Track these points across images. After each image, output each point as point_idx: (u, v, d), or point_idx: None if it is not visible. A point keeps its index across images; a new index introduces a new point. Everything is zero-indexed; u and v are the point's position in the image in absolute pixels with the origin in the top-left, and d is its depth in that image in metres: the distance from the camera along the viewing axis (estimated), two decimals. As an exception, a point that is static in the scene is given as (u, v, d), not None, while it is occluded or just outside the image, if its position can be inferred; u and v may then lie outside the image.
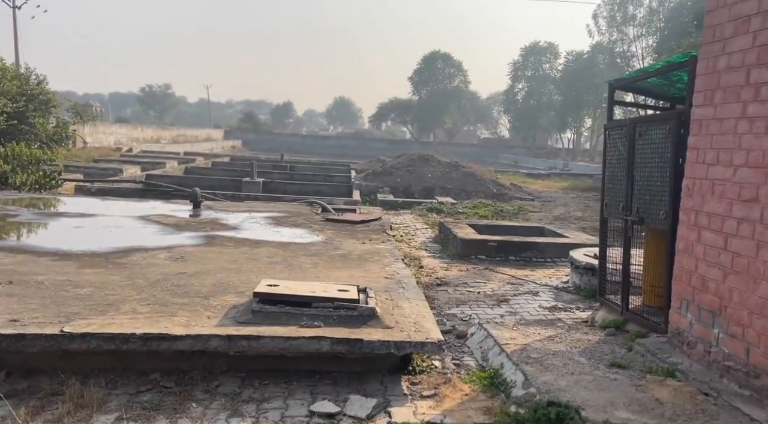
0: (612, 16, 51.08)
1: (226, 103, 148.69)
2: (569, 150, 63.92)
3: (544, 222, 11.07)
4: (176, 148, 39.67)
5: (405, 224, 10.59)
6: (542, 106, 63.77)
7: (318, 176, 18.38)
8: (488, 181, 15.23)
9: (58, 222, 7.04)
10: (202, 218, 8.10)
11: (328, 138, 73.28)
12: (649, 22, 48.98)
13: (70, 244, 5.70)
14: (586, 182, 21.11)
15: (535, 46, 64.08)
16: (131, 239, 6.16)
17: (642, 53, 49.71)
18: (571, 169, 43.79)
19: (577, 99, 59.40)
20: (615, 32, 51.51)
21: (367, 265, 5.55)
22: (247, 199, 11.69)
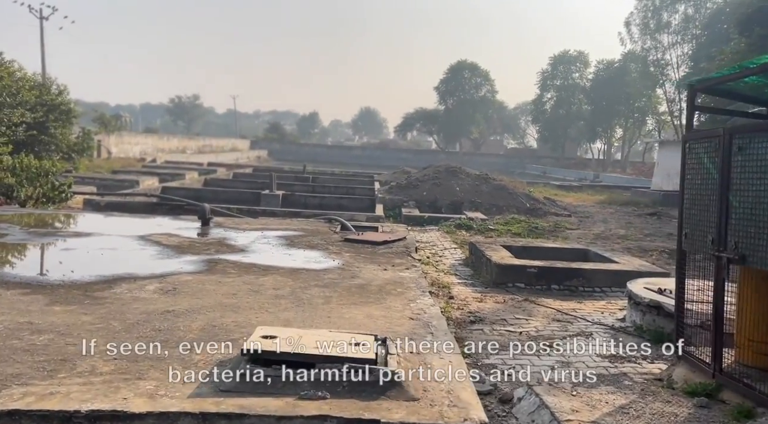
0: (645, 23, 49.65)
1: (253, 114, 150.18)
2: (599, 161, 62.26)
3: (585, 241, 10.11)
4: (201, 159, 39.53)
5: (431, 242, 9.74)
6: (571, 115, 62.37)
7: (340, 188, 17.69)
8: (520, 194, 14.28)
9: (47, 243, 6.38)
10: (208, 238, 7.38)
11: (353, 148, 72.94)
12: (685, 29, 47.46)
13: (50, 271, 5.00)
14: (623, 196, 19.96)
15: (565, 54, 62.79)
16: (122, 265, 5.44)
17: (677, 61, 48.16)
18: (602, 180, 42.42)
19: (607, 108, 57.92)
20: (648, 40, 50.07)
21: (388, 300, 4.72)
22: (263, 214, 10.99)
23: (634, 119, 58.37)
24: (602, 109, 57.69)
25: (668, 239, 10.94)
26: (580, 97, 61.80)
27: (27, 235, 6.71)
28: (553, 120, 61.95)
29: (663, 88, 50.50)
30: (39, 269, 5.07)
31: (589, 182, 38.32)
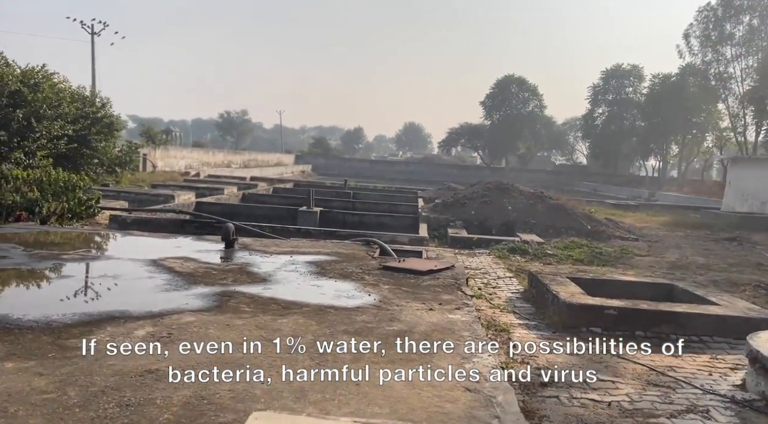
0: (706, 35, 47.30)
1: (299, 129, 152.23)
2: (653, 179, 59.51)
3: (661, 272, 8.79)
4: (245, 173, 39.46)
5: (482, 269, 8.62)
6: (624, 131, 59.99)
7: (381, 206, 16.76)
8: (580, 215, 12.97)
9: (43, 269, 5.60)
10: (229, 263, 6.50)
11: (397, 163, 72.29)
12: (749, 41, 44.95)
13: (28, 307, 4.17)
14: (691, 217, 18.25)
15: (618, 68, 60.64)
16: (117, 300, 4.58)
17: (741, 75, 45.61)
18: (658, 199, 40.24)
19: (663, 124, 55.35)
20: (710, 52, 47.65)
21: (436, 357, 3.66)
22: (297, 233, 10.11)
23: (692, 135, 55.60)
24: (657, 125, 55.16)
25: (758, 270, 9.48)
26: (633, 112, 59.38)
27: (27, 258, 5.97)
28: (605, 136, 59.66)
29: (725, 102, 47.89)
30: (16, 305, 4.25)
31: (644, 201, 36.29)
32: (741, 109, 46.10)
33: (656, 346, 5.03)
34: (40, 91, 15.73)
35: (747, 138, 45.94)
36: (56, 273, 5.46)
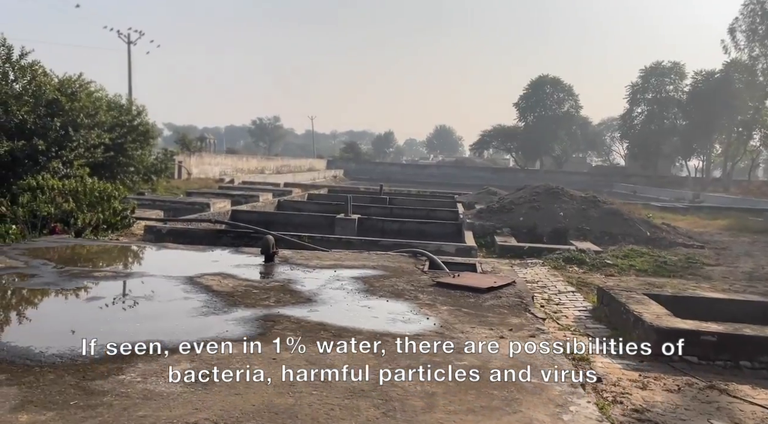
0: (753, 29, 45.44)
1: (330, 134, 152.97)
2: (696, 179, 57.33)
3: (741, 285, 7.96)
4: (278, 179, 39.43)
5: (540, 282, 7.94)
6: (664, 131, 58.04)
7: (420, 212, 16.15)
8: (638, 221, 12.12)
9: (73, 289, 5.19)
10: (270, 280, 6.00)
11: (428, 167, 71.58)
12: (798, 34, 42.89)
13: (54, 337, 3.72)
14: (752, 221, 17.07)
15: (658, 66, 58.78)
16: (150, 327, 4.11)
17: (792, 68, 43.58)
18: (703, 201, 38.55)
19: (706, 123, 53.30)
20: (757, 47, 45.74)
21: (523, 403, 3.06)
22: (338, 243, 9.59)
23: (737, 134, 53.41)
24: (700, 124, 53.14)
25: None
26: (674, 111, 57.42)
27: (57, 276, 5.57)
28: (644, 136, 57.83)
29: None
30: (41, 335, 3.81)
31: (689, 203, 34.78)
32: (792, 105, 44.07)
33: (765, 377, 4.32)
34: (77, 100, 15.65)
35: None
36: (86, 294, 5.04)
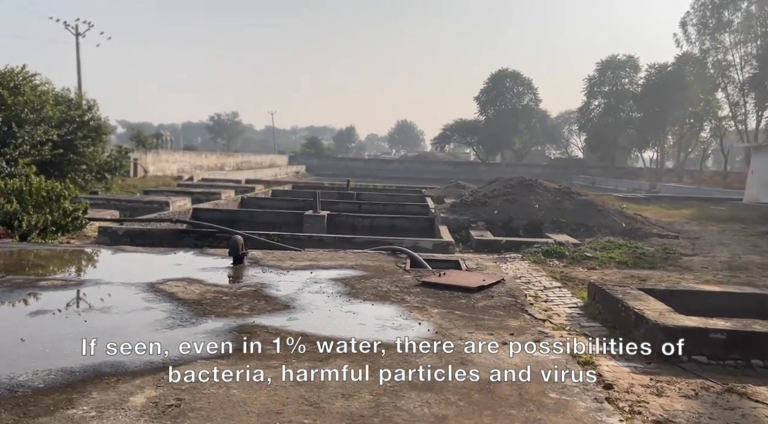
0: (704, 22, 46.53)
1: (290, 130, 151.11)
2: (651, 170, 58.79)
3: (723, 275, 7.84)
4: (239, 176, 38.37)
5: (523, 277, 7.64)
6: (621, 123, 59.21)
7: (389, 207, 15.75)
8: (612, 212, 12.00)
9: (15, 301, 4.55)
10: (241, 284, 5.48)
11: (391, 161, 71.25)
12: (748, 27, 44.18)
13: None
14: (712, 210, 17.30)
15: (613, 59, 59.83)
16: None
17: (741, 62, 44.87)
18: (659, 191, 39.43)
19: (660, 115, 54.54)
20: (708, 40, 46.89)
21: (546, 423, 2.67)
22: (309, 241, 9.09)
23: (689, 125, 54.92)
24: (654, 116, 54.37)
25: (825, 268, 8.56)
26: (629, 103, 58.63)
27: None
28: (602, 128, 58.84)
29: (725, 91, 47.15)
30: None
31: (646, 193, 35.48)
32: (741, 97, 45.37)
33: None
34: (21, 94, 14.61)
35: (748, 126, 45.26)
36: (30, 307, 4.42)
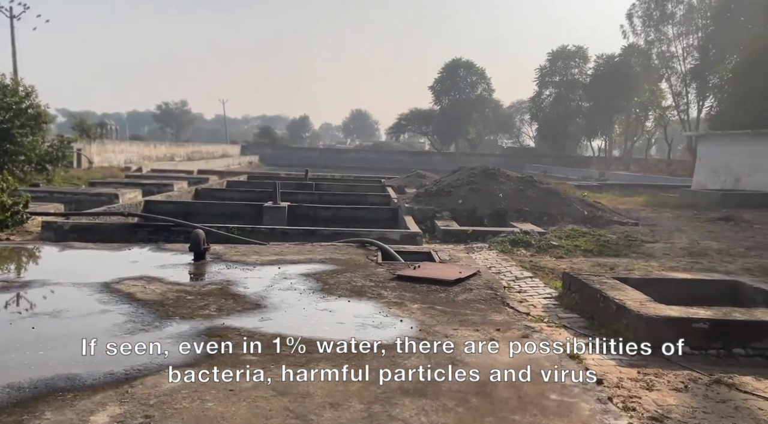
0: (648, 14, 47.86)
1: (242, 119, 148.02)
2: (600, 158, 60.43)
3: (686, 261, 7.96)
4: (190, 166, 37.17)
5: (493, 267, 7.53)
6: (571, 112, 60.52)
7: (350, 197, 15.46)
8: (574, 200, 12.09)
9: (-49, 308, 4.08)
10: (205, 282, 5.13)
11: (347, 151, 70.74)
12: (690, 19, 45.69)
13: None
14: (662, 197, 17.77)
15: (563, 50, 61.00)
16: (59, 354, 3.19)
17: (683, 53, 46.39)
18: (608, 178, 40.46)
19: (608, 104, 56.02)
20: (652, 32, 48.27)
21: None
22: (272, 234, 8.72)
23: (635, 115, 56.62)
24: (602, 106, 55.78)
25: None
26: (579, 93, 59.93)
27: (-73, 291, 4.42)
28: (553, 117, 60.04)
29: (668, 81, 48.71)
30: None
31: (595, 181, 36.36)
32: (683, 88, 46.95)
33: (766, 368, 4.06)
34: (-51, 79, 13.52)
35: (690, 115, 46.97)
36: (-31, 315, 3.96)
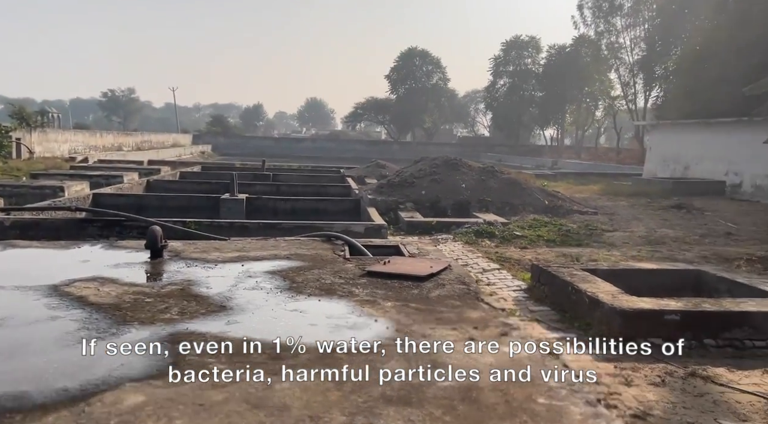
0: (598, 5, 48.96)
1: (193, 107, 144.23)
2: (553, 147, 61.75)
3: (647, 250, 8.10)
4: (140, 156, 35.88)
5: (460, 259, 7.47)
6: (524, 102, 61.54)
7: (310, 188, 15.18)
8: (535, 190, 12.19)
9: None
10: (164, 283, 4.83)
11: (303, 140, 69.89)
12: (637, 11, 46.93)
13: None
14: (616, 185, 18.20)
15: (517, 40, 61.87)
16: (6, 368, 2.88)
17: (631, 44, 47.68)
18: (561, 167, 41.35)
19: (559, 94, 57.18)
20: (602, 23, 49.42)
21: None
22: (231, 228, 8.41)
23: (586, 104, 57.96)
24: (554, 95, 56.91)
25: (733, 240, 9.12)
26: (532, 82, 60.90)
27: None
28: (507, 107, 60.90)
29: (617, 72, 49.98)
30: None
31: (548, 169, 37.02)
32: (631, 78, 48.27)
33: (735, 358, 4.10)
34: None
35: (637, 105, 48.39)
36: None
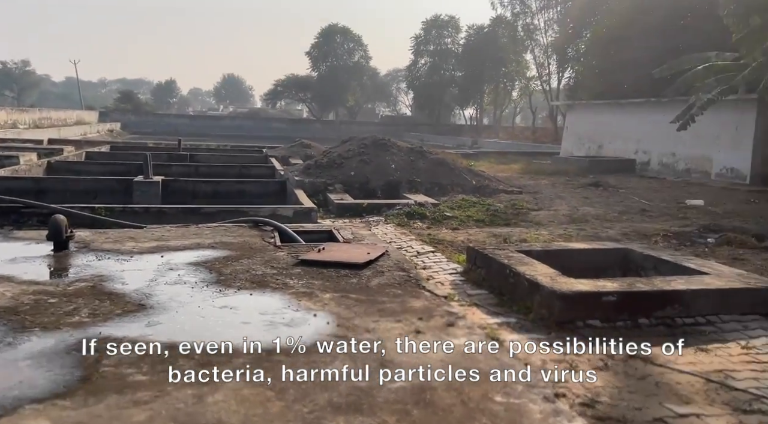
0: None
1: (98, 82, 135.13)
2: (472, 127, 63.06)
3: (573, 229, 8.29)
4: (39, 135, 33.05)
5: (393, 242, 7.29)
6: (445, 82, 62.22)
7: (232, 169, 14.49)
8: (463, 170, 12.21)
9: None
10: (72, 279, 4.31)
11: (221, 118, 67.30)
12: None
13: None
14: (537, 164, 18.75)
15: (437, 19, 62.19)
16: None
17: (545, 26, 49.22)
18: (481, 146, 42.24)
19: (478, 74, 58.26)
20: (518, 4, 50.64)
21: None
22: (146, 214, 7.78)
23: (503, 85, 59.41)
24: (473, 75, 57.84)
25: (648, 217, 9.53)
26: (452, 62, 61.58)
27: None
28: (428, 86, 61.35)
29: (532, 53, 51.48)
30: None
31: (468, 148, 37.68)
32: (545, 59, 49.91)
33: (666, 336, 4.19)
34: None
35: (552, 86, 50.20)
36: None
